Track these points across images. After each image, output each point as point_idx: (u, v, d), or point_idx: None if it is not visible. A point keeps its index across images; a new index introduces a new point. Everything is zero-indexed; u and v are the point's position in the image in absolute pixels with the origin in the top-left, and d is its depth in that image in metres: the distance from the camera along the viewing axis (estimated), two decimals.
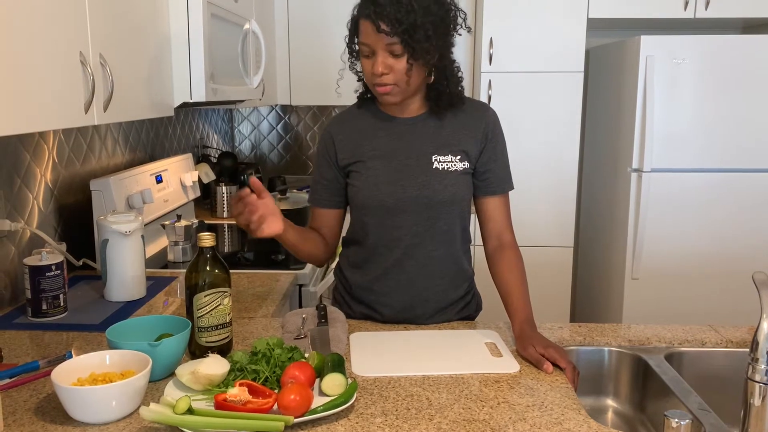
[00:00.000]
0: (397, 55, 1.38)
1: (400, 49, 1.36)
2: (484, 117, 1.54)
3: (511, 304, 1.47)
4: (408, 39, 1.35)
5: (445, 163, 1.49)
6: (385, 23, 1.34)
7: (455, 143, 1.50)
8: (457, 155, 1.50)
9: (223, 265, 1.33)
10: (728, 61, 2.84)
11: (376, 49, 1.38)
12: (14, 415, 1.12)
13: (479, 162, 1.52)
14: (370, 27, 1.36)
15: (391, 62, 1.38)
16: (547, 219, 3.25)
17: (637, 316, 3.03)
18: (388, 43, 1.36)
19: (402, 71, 1.39)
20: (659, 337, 1.50)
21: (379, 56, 1.38)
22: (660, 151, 2.91)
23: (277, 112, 3.86)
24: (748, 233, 2.97)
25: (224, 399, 1.08)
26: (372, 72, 1.40)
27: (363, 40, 1.40)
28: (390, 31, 1.35)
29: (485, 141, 1.52)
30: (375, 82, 1.42)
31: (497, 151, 1.54)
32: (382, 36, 1.36)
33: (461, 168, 1.50)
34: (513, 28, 3.12)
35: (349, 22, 1.46)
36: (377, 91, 1.43)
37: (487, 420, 1.10)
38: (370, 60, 1.41)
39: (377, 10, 1.35)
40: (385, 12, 1.34)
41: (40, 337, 1.49)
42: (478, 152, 1.52)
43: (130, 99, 1.65)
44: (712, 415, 1.19)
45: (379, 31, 1.35)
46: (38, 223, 1.85)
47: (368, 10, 1.36)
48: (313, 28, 3.30)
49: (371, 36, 1.37)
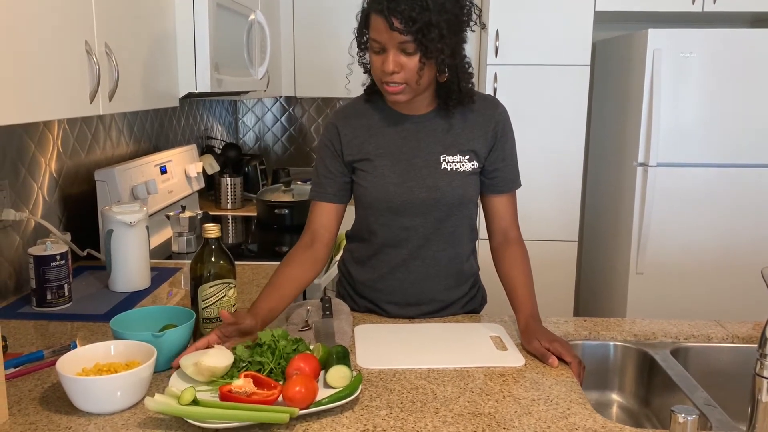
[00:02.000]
0: (409, 54, 1.32)
1: (412, 47, 1.30)
2: (494, 115, 1.49)
3: (516, 298, 1.46)
4: (421, 38, 1.29)
5: (453, 164, 1.46)
6: (399, 21, 1.28)
7: (464, 142, 1.47)
8: (466, 155, 1.47)
9: (229, 257, 1.32)
10: (736, 55, 2.82)
11: (387, 47, 1.32)
12: (19, 404, 1.12)
13: (488, 161, 1.50)
14: (383, 23, 1.30)
15: (403, 60, 1.32)
16: (552, 213, 3.24)
17: (641, 311, 3.02)
18: (400, 41, 1.30)
19: (413, 70, 1.33)
20: (665, 332, 1.49)
21: (390, 54, 1.32)
22: (666, 146, 2.90)
23: (282, 104, 3.85)
24: (754, 228, 2.95)
25: (229, 390, 1.08)
26: (382, 69, 1.34)
27: (374, 36, 1.34)
28: (403, 29, 1.28)
29: (495, 140, 1.49)
30: (384, 80, 1.36)
31: (506, 150, 1.51)
32: (394, 34, 1.29)
33: (470, 168, 1.47)
34: (519, 20, 3.10)
35: (359, 13, 1.40)
36: (386, 89, 1.38)
37: (492, 413, 1.10)
38: (380, 56, 1.35)
39: (390, 6, 1.28)
40: (399, 8, 1.27)
41: (45, 327, 1.49)
42: (487, 151, 1.49)
43: (136, 89, 1.64)
44: (718, 410, 1.18)
45: (392, 28, 1.29)
46: (43, 213, 1.85)
47: (381, 5, 1.30)
48: (319, 20, 3.29)
49: (383, 33, 1.31)
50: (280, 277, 1.42)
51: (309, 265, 1.46)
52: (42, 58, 1.24)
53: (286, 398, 1.06)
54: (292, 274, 1.43)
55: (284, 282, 1.41)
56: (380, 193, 1.47)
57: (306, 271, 1.45)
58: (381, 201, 1.47)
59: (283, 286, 1.40)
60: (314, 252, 1.48)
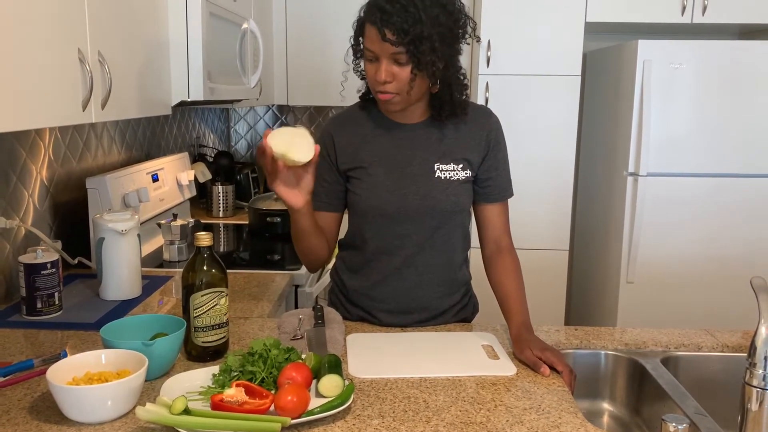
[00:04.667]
0: (401, 64, 1.34)
1: (404, 58, 1.32)
2: (487, 124, 1.51)
3: (508, 307, 1.47)
4: (413, 50, 1.30)
5: (447, 172, 1.47)
6: (391, 32, 1.30)
7: (458, 151, 1.48)
8: (459, 164, 1.48)
9: (221, 265, 1.32)
10: (725, 66, 2.85)
11: (380, 56, 1.34)
12: (8, 414, 1.11)
13: (481, 169, 1.51)
14: (376, 33, 1.32)
15: (395, 70, 1.34)
16: (543, 221, 3.26)
17: (632, 320, 3.03)
18: (392, 52, 1.32)
19: (405, 80, 1.35)
20: (655, 341, 1.50)
21: (383, 64, 1.34)
22: (656, 156, 2.92)
23: (274, 112, 3.85)
24: (743, 237, 2.98)
25: (221, 399, 1.07)
26: (375, 78, 1.37)
27: (367, 45, 1.36)
28: (395, 41, 1.30)
29: (488, 149, 1.50)
30: (377, 89, 1.39)
31: (499, 159, 1.52)
32: (386, 45, 1.31)
33: (463, 177, 1.48)
34: (511, 30, 3.13)
35: (354, 22, 1.42)
36: (379, 97, 1.40)
37: (484, 423, 1.10)
38: (373, 65, 1.37)
39: (383, 18, 1.30)
40: (392, 20, 1.29)
41: (35, 336, 1.48)
42: (480, 160, 1.50)
43: (128, 97, 1.64)
44: (708, 419, 1.19)
45: (384, 39, 1.31)
46: (33, 221, 1.84)
47: (374, 16, 1.31)
48: (311, 28, 3.30)
49: (376, 43, 1.33)
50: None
51: (326, 241, 1.52)
52: (34, 66, 1.23)
53: (277, 408, 1.06)
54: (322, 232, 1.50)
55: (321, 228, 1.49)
56: (374, 200, 1.47)
57: (324, 243, 1.51)
58: (375, 209, 1.48)
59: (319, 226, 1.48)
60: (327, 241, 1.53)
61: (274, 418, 1.03)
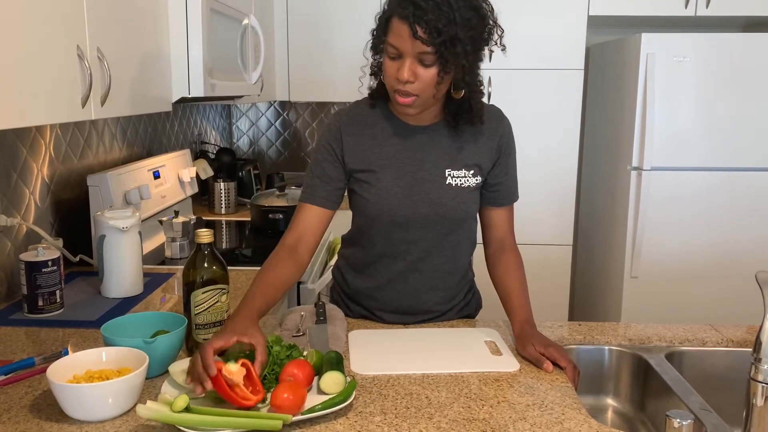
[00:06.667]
0: (426, 65, 1.27)
1: (431, 59, 1.26)
2: (500, 128, 1.47)
3: (511, 305, 1.46)
4: (444, 51, 1.24)
5: (458, 179, 1.43)
6: (423, 30, 1.22)
7: (470, 156, 1.45)
8: (471, 170, 1.44)
9: (221, 262, 1.32)
10: (729, 59, 2.83)
11: (405, 54, 1.27)
12: (9, 412, 1.11)
13: (491, 174, 1.48)
14: (406, 30, 1.24)
15: (419, 71, 1.27)
16: (546, 217, 3.25)
17: (636, 315, 3.02)
18: (420, 51, 1.25)
19: (428, 82, 1.28)
20: (660, 336, 1.49)
21: (407, 62, 1.27)
22: (660, 150, 2.90)
23: (276, 109, 3.84)
24: (748, 232, 2.96)
25: (220, 369, 1.07)
26: (396, 77, 1.29)
27: (393, 41, 1.28)
28: (427, 40, 1.23)
29: (499, 154, 1.47)
30: (397, 88, 1.31)
31: (509, 165, 1.50)
32: (417, 42, 1.24)
33: (474, 184, 1.45)
34: (513, 25, 3.10)
35: (378, 15, 1.33)
36: (397, 99, 1.33)
37: (486, 419, 1.09)
38: (395, 62, 1.29)
39: (417, 14, 1.22)
40: (426, 17, 1.22)
41: (36, 334, 1.47)
42: (490, 166, 1.47)
43: (128, 94, 1.63)
44: (713, 415, 1.18)
45: (415, 36, 1.23)
46: (35, 219, 1.83)
47: (407, 10, 1.23)
48: (313, 24, 3.28)
49: (404, 40, 1.25)
50: (267, 278, 1.35)
51: (293, 268, 1.40)
52: (33, 63, 1.23)
53: (273, 405, 1.05)
54: (280, 276, 1.37)
55: (273, 282, 1.35)
56: (383, 206, 1.43)
57: (291, 275, 1.40)
58: (383, 214, 1.44)
59: (271, 287, 1.34)
60: (298, 256, 1.42)
61: (276, 415, 1.03)
